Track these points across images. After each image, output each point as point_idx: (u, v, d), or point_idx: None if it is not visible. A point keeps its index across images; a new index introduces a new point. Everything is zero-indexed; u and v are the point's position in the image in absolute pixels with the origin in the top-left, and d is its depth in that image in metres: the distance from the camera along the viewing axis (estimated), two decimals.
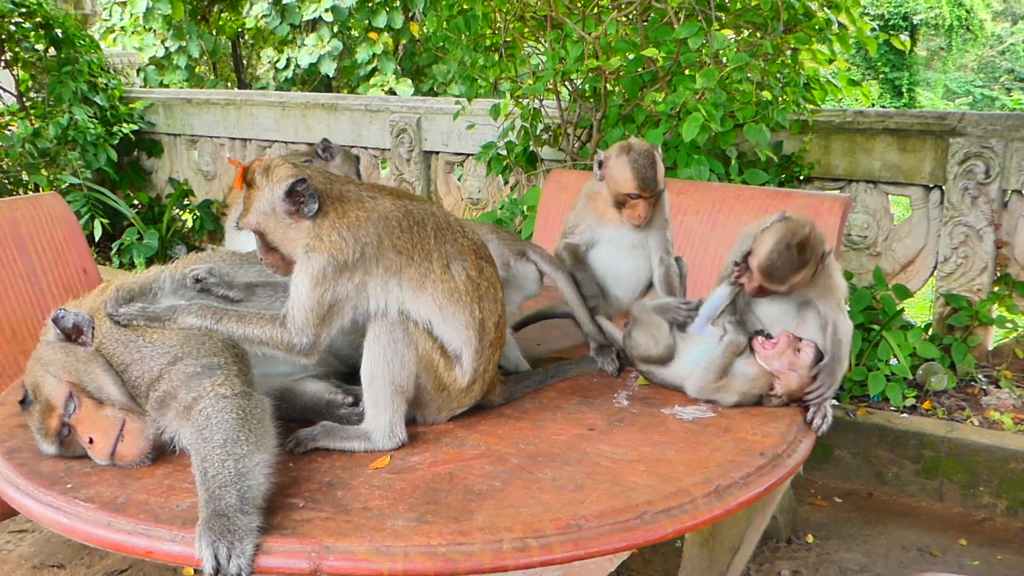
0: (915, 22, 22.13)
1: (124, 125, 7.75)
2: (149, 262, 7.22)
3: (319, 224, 2.09)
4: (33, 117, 7.40)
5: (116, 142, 7.64)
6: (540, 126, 5.19)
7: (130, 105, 7.98)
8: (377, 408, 2.16)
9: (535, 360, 2.75)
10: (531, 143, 5.18)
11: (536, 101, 5.08)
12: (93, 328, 2.16)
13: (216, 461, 1.88)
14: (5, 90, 7.50)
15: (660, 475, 2.00)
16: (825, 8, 4.59)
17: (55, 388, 2.07)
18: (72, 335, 2.16)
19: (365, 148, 6.78)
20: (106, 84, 7.80)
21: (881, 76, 21.77)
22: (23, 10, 7.21)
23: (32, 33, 7.30)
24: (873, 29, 4.98)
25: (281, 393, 2.28)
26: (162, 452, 2.10)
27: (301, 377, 2.36)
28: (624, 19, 4.86)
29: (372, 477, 2.03)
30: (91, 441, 2.06)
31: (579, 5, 4.82)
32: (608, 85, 4.76)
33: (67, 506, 1.94)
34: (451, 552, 1.75)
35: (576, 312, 2.75)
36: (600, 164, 2.71)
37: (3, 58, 7.38)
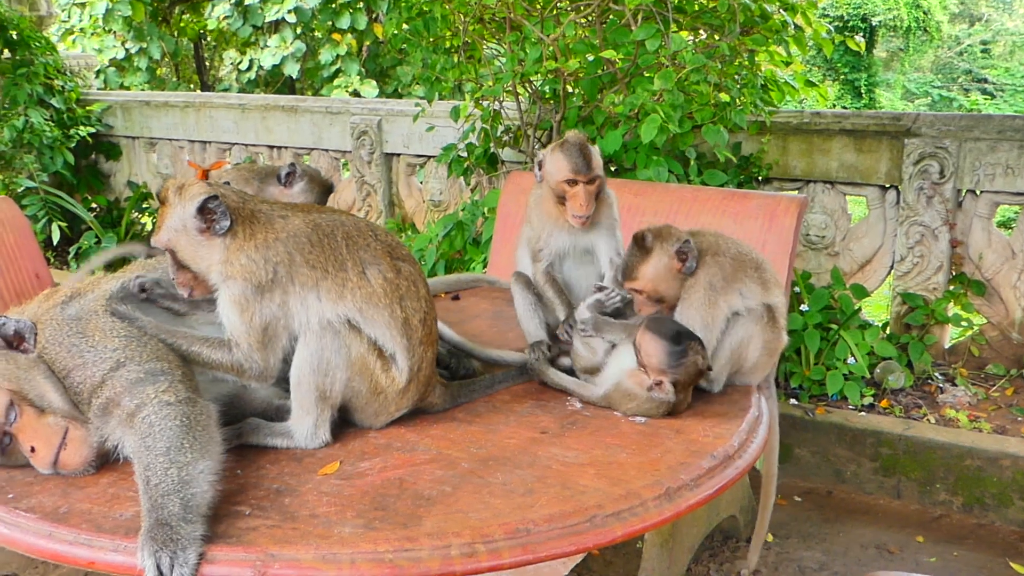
0: (874, 23, 22.41)
1: (81, 128, 7.63)
2: (107, 267, 7.11)
3: (229, 247, 2.11)
4: None
5: (73, 145, 7.53)
6: (500, 128, 5.18)
7: (87, 108, 7.87)
8: (302, 410, 2.17)
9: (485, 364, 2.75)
10: (492, 145, 5.17)
11: (496, 103, 5.07)
12: (35, 335, 2.11)
13: (159, 469, 1.85)
14: None
15: (611, 478, 2.00)
16: (781, 10, 4.62)
17: None
18: (14, 342, 2.11)
19: (326, 150, 6.73)
20: (62, 86, 7.69)
21: (841, 77, 22.02)
22: None
23: None
24: (829, 31, 5.02)
25: (229, 399, 2.25)
26: (106, 460, 2.06)
27: None
28: (583, 21, 4.86)
29: (321, 483, 2.00)
30: (33, 450, 2.02)
31: (538, 7, 4.82)
32: (567, 87, 4.77)
33: (8, 516, 1.90)
34: (398, 559, 1.73)
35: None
36: (540, 165, 2.71)
37: None
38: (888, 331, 4.85)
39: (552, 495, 1.92)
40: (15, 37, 7.30)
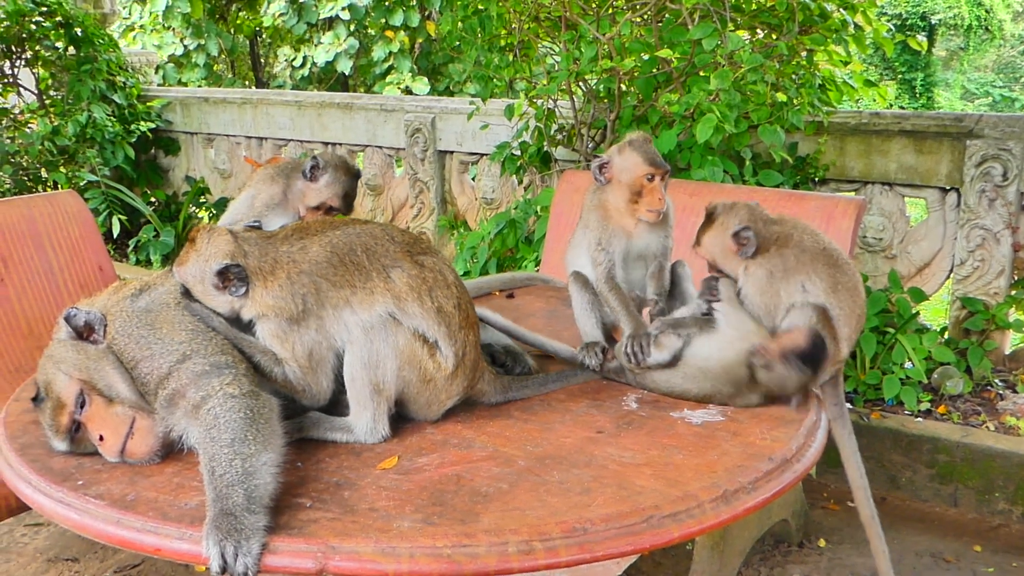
0: (933, 22, 21.96)
1: (142, 123, 7.81)
2: (165, 260, 7.27)
3: (252, 296, 2.18)
4: (52, 115, 7.47)
5: (134, 140, 7.71)
6: (554, 126, 5.18)
7: (148, 103, 8.04)
8: (359, 406, 2.21)
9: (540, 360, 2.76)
10: (545, 143, 5.18)
11: (550, 101, 5.08)
12: (105, 326, 2.17)
13: (224, 460, 1.89)
14: (25, 88, 7.56)
15: (668, 479, 2.00)
16: (841, 9, 4.56)
17: (66, 386, 2.09)
18: (84, 333, 2.17)
19: (380, 147, 6.80)
20: (124, 83, 7.87)
21: (899, 77, 21.61)
22: (43, 9, 7.28)
23: (52, 32, 7.37)
24: (889, 30, 4.94)
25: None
26: (171, 450, 2.11)
27: None
28: (638, 20, 4.85)
29: (379, 478, 2.03)
30: (101, 438, 2.08)
31: (593, 6, 4.81)
32: (622, 86, 4.75)
33: (78, 503, 1.95)
34: (456, 554, 1.75)
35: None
36: (601, 168, 2.69)
37: (24, 56, 7.45)
38: (946, 336, 4.76)
39: (609, 495, 1.92)
40: (80, 34, 7.49)
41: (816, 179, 4.98)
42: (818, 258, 2.51)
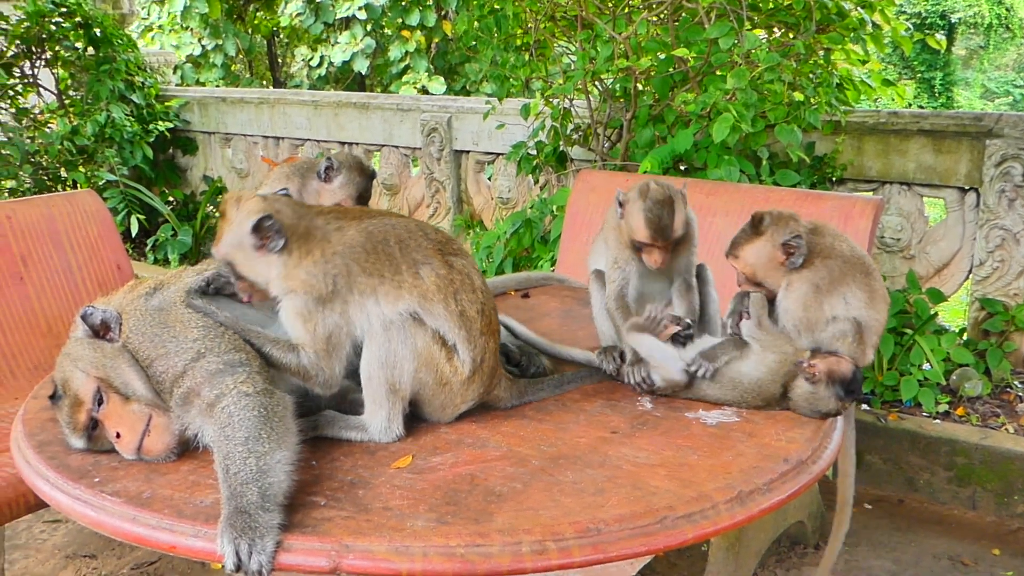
0: (953, 21, 21.79)
1: (160, 123, 7.85)
2: (183, 258, 7.32)
3: (286, 263, 2.16)
4: (72, 115, 7.52)
5: (152, 140, 7.75)
6: (570, 126, 5.18)
7: (166, 103, 8.09)
8: (374, 404, 2.21)
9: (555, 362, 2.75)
10: (561, 143, 5.17)
11: (566, 101, 5.07)
12: (121, 324, 2.18)
13: (238, 458, 1.90)
14: (45, 88, 7.62)
15: (682, 480, 1.99)
16: (859, 8, 4.53)
17: (83, 383, 2.10)
18: (100, 331, 2.18)
19: (396, 147, 6.81)
20: (143, 83, 7.91)
21: (918, 76, 21.46)
22: (63, 10, 7.33)
23: (71, 32, 7.41)
24: (908, 28, 4.91)
25: (304, 391, 2.29)
26: (186, 448, 2.12)
27: None
28: (655, 19, 4.83)
29: (393, 477, 2.03)
30: (118, 436, 2.09)
31: (610, 5, 4.80)
32: (638, 85, 4.74)
33: (94, 499, 1.96)
34: (469, 553, 1.75)
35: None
36: (621, 204, 2.62)
37: (43, 57, 7.50)
38: (965, 337, 4.72)
39: (623, 495, 1.92)
40: (99, 35, 7.54)
41: (833, 179, 4.95)
42: (856, 268, 2.46)
